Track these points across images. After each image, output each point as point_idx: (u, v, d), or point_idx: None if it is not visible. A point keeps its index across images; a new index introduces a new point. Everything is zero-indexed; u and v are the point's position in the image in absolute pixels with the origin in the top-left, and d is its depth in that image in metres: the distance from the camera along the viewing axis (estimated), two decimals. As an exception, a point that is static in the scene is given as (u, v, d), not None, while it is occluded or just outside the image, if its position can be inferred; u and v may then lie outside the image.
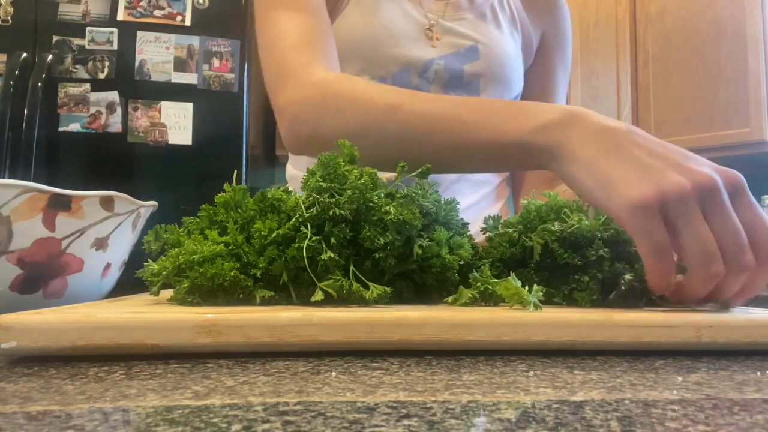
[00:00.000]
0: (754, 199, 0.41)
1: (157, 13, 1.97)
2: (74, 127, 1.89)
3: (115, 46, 1.94)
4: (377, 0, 0.84)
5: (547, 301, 0.45)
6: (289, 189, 0.48)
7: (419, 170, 0.49)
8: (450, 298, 0.43)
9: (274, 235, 0.42)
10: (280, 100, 0.68)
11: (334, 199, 0.43)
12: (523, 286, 0.40)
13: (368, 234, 0.42)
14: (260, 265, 0.41)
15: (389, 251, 0.43)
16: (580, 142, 0.46)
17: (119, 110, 1.91)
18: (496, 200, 0.95)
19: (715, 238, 0.39)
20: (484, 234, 0.52)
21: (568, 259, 0.45)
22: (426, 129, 0.54)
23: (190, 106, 1.95)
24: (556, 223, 0.47)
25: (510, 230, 0.49)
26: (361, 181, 0.44)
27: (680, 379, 0.29)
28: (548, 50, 0.98)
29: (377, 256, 0.43)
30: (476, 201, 0.90)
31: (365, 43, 0.82)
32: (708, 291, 0.40)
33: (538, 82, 0.97)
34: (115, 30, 1.94)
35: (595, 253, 0.45)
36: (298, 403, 0.24)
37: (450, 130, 0.53)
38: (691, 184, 0.39)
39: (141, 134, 1.92)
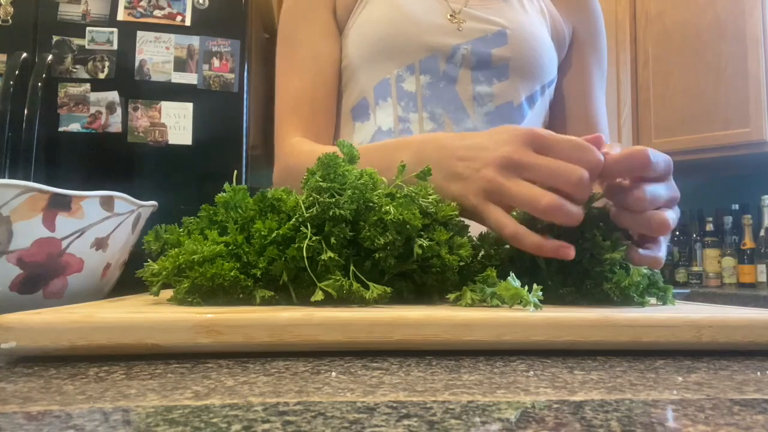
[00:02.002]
0: (559, 137, 0.48)
1: (157, 13, 1.97)
2: (74, 127, 1.89)
3: (115, 46, 1.94)
4: None
5: (563, 300, 0.45)
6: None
7: (420, 171, 0.50)
8: (452, 296, 0.43)
9: (274, 235, 0.42)
10: (274, 170, 0.86)
11: (334, 199, 0.42)
12: (522, 285, 0.40)
13: (368, 234, 0.42)
14: (260, 265, 0.41)
15: (389, 251, 0.43)
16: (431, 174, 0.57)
17: (119, 110, 1.91)
18: None
19: (538, 185, 0.46)
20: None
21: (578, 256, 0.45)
22: None
23: (190, 106, 1.95)
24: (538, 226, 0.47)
25: (507, 247, 0.49)
26: (361, 181, 0.44)
27: (680, 379, 0.29)
28: (581, 49, 0.95)
29: (377, 256, 0.43)
30: None
31: (390, 32, 0.85)
32: (565, 219, 0.45)
33: (574, 85, 0.95)
34: (115, 30, 1.94)
35: (592, 240, 0.45)
36: (298, 403, 0.24)
37: None
38: (493, 170, 0.49)
39: (141, 134, 1.92)
